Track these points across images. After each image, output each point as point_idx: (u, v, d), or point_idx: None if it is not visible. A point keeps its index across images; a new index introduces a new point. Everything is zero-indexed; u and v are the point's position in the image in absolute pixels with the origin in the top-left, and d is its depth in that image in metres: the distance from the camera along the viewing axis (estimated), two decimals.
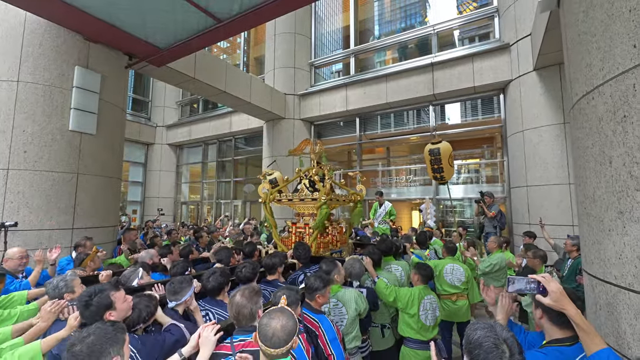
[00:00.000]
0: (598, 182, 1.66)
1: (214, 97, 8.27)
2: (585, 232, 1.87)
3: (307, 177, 4.03)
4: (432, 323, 2.89)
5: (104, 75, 4.98)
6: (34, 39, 4.45)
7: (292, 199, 3.98)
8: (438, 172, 4.85)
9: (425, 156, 4.90)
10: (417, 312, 2.81)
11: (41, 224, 4.28)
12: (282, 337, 1.32)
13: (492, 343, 1.10)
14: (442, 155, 4.71)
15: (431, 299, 2.94)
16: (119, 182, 5.53)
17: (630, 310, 1.46)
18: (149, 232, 7.02)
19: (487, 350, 1.09)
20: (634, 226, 1.43)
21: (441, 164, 4.74)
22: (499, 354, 1.08)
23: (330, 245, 3.94)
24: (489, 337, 1.12)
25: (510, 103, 6.86)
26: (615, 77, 1.51)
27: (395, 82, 8.21)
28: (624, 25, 1.47)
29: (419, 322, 2.81)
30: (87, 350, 1.24)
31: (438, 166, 4.77)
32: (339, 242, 4.10)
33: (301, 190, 3.96)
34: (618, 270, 1.54)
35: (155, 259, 3.68)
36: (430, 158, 4.81)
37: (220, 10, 4.21)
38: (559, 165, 5.80)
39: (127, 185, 12.66)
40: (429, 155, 4.83)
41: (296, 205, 4.10)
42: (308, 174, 4.04)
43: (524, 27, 6.33)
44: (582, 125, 1.81)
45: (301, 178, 4.09)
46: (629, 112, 1.45)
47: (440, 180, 5.01)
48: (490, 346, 1.09)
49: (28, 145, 4.27)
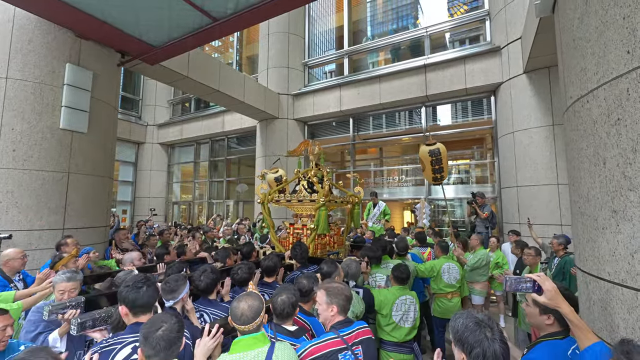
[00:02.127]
0: (592, 183, 1.73)
1: (207, 96, 8.21)
2: (579, 231, 1.93)
3: (305, 178, 4.04)
4: (409, 325, 2.84)
5: (95, 73, 4.89)
6: (24, 35, 4.34)
7: (291, 199, 3.99)
8: (439, 172, 4.91)
9: (424, 157, 4.93)
10: (390, 312, 2.82)
11: (31, 224, 4.18)
12: (249, 315, 1.55)
13: (475, 324, 1.21)
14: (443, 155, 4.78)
15: (407, 300, 2.89)
16: (110, 181, 5.44)
17: (624, 305, 1.52)
18: (141, 232, 6.91)
19: (472, 330, 1.19)
20: (627, 224, 1.49)
21: (442, 164, 4.83)
22: (482, 330, 1.19)
23: (328, 246, 3.95)
24: (470, 320, 1.23)
25: (501, 105, 7.01)
26: (609, 81, 1.58)
27: (388, 83, 8.29)
28: (617, 32, 1.53)
29: (391, 322, 2.81)
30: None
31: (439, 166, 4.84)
32: (336, 244, 4.12)
33: (299, 191, 3.97)
34: (612, 267, 1.60)
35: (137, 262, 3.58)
36: (431, 159, 4.86)
37: (216, 9, 4.19)
38: (548, 166, 5.95)
39: (117, 184, 12.43)
40: (430, 156, 4.86)
41: (294, 206, 4.10)
42: (307, 175, 4.05)
43: (514, 30, 6.47)
44: (577, 127, 1.87)
45: (300, 179, 4.10)
46: (622, 115, 1.51)
47: (439, 180, 5.06)
48: (473, 326, 1.20)
49: (17, 144, 4.16)
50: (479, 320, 1.23)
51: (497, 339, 1.17)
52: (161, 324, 1.40)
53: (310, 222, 3.88)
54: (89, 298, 2.24)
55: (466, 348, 1.19)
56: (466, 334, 1.20)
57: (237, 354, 1.50)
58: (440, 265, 3.86)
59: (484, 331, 1.19)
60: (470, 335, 1.19)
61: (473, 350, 1.16)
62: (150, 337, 1.36)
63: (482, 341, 1.16)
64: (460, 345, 1.22)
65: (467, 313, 1.28)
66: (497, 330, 1.21)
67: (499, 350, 1.15)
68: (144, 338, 1.38)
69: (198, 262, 4.05)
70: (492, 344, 1.16)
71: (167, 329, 1.39)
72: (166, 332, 1.38)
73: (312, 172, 3.95)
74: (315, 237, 3.75)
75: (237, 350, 1.51)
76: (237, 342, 1.56)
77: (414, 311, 2.91)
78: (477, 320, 1.22)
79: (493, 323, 1.23)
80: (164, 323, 1.41)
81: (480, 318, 1.24)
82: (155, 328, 1.39)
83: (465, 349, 1.19)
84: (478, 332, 1.18)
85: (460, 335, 1.22)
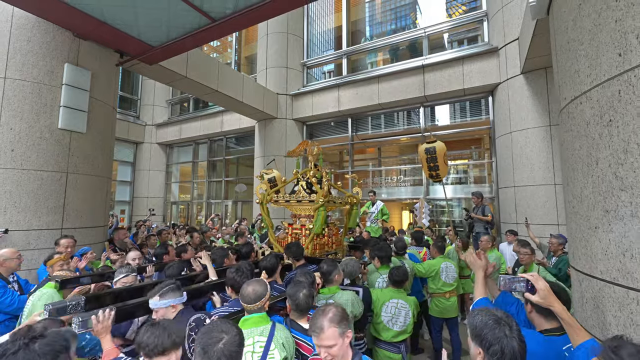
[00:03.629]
0: (585, 183, 1.75)
1: (205, 96, 8.21)
2: (573, 230, 1.96)
3: (304, 178, 4.06)
4: (397, 328, 2.82)
5: (94, 73, 4.90)
6: (22, 35, 4.35)
7: (290, 200, 4.00)
8: (434, 170, 5.00)
9: (421, 155, 5.01)
10: (379, 311, 2.86)
11: (29, 224, 4.18)
12: (252, 296, 1.86)
13: (494, 321, 1.23)
14: (438, 153, 4.86)
15: (398, 304, 2.87)
16: (109, 181, 5.44)
17: (615, 303, 1.55)
18: (139, 232, 6.91)
19: (492, 327, 1.21)
20: (619, 224, 1.52)
21: (437, 162, 4.90)
22: (502, 328, 1.20)
23: (326, 247, 3.97)
24: (489, 317, 1.25)
25: (499, 105, 7.05)
26: (601, 83, 1.60)
27: (387, 83, 8.32)
28: (610, 35, 1.56)
29: (380, 321, 2.84)
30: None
31: (434, 164, 4.93)
32: (334, 244, 4.14)
33: (298, 191, 3.99)
34: (604, 265, 1.63)
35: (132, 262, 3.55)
36: (427, 156, 4.95)
37: (215, 10, 4.20)
38: (545, 166, 5.99)
39: (115, 184, 12.41)
40: (425, 153, 4.95)
41: (293, 207, 4.11)
42: (306, 175, 4.06)
43: (512, 31, 6.51)
44: (570, 128, 1.90)
45: (299, 180, 4.11)
46: (614, 116, 1.53)
47: (435, 178, 5.14)
48: (493, 324, 1.22)
49: (16, 144, 4.16)
50: (499, 317, 1.24)
51: (516, 337, 1.19)
52: (222, 335, 1.23)
53: (309, 223, 3.90)
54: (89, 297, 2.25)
55: (484, 344, 1.20)
56: (485, 331, 1.21)
57: (249, 329, 1.76)
58: (439, 265, 3.88)
59: (503, 329, 1.20)
60: (489, 332, 1.20)
61: (492, 347, 1.18)
62: (209, 350, 1.19)
63: (501, 338, 1.18)
64: (478, 341, 1.23)
65: (485, 310, 1.29)
66: (516, 329, 1.22)
67: (517, 348, 1.17)
68: (202, 350, 1.19)
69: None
70: (511, 341, 1.17)
71: (229, 341, 1.22)
72: (227, 346, 1.21)
73: (310, 172, 3.97)
74: (314, 238, 3.77)
75: (247, 326, 1.78)
76: (245, 319, 1.82)
77: (405, 316, 2.86)
78: (496, 318, 1.24)
79: (512, 321, 1.24)
80: (224, 334, 1.24)
81: (500, 316, 1.25)
82: (215, 340, 1.21)
83: (484, 345, 1.20)
84: (498, 329, 1.20)
85: (479, 331, 1.23)
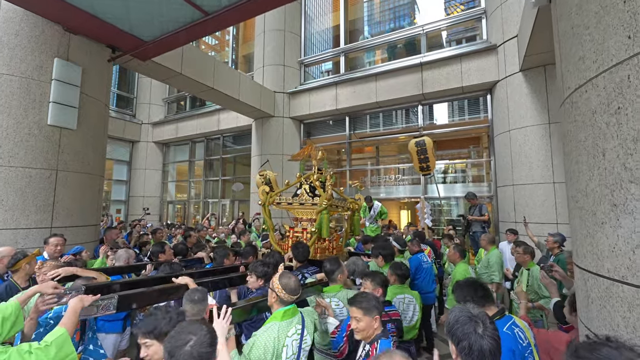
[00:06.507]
0: (591, 175, 1.66)
1: (201, 93, 8.10)
2: (577, 226, 1.87)
3: (307, 182, 3.99)
4: (407, 323, 2.82)
5: (85, 68, 4.78)
6: (10, 29, 4.23)
7: (292, 202, 3.94)
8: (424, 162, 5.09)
9: (412, 148, 5.08)
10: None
11: (17, 222, 4.06)
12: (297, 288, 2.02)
13: (466, 317, 1.25)
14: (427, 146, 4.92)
15: (405, 299, 2.86)
16: (101, 179, 5.33)
17: (624, 303, 1.46)
18: (134, 232, 6.79)
19: (462, 323, 1.23)
20: (628, 218, 1.43)
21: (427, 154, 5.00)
22: (473, 324, 1.22)
23: (327, 251, 3.90)
24: (463, 314, 1.27)
25: (497, 103, 6.97)
26: (609, 68, 1.51)
27: (384, 81, 8.23)
28: (618, 16, 1.47)
29: None
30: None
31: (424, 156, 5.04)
32: (335, 250, 4.06)
33: (301, 194, 3.92)
34: (611, 263, 1.54)
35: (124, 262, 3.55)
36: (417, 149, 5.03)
37: (208, 3, 4.09)
38: (544, 165, 5.92)
39: (111, 183, 12.28)
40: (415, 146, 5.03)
41: (295, 210, 4.05)
42: (309, 179, 4.00)
43: (510, 28, 6.44)
44: (575, 118, 1.81)
45: (301, 183, 4.05)
46: (623, 103, 1.44)
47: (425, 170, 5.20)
48: (464, 320, 1.24)
49: (3, 140, 4.04)
50: (472, 315, 1.25)
51: (487, 336, 1.19)
52: (189, 337, 1.19)
53: (311, 226, 3.83)
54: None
55: (454, 340, 1.23)
56: (456, 327, 1.24)
57: (287, 320, 1.94)
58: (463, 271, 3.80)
59: (474, 326, 1.21)
60: (459, 328, 1.23)
61: (460, 343, 1.20)
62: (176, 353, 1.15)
63: (469, 335, 1.19)
64: (450, 337, 1.26)
65: (464, 307, 1.30)
66: (490, 328, 1.22)
67: (487, 347, 1.17)
68: (169, 355, 1.16)
69: (195, 262, 4.02)
70: (480, 339, 1.18)
71: (197, 342, 1.18)
72: (196, 347, 1.17)
73: (314, 176, 3.90)
74: (316, 241, 3.71)
75: (286, 317, 1.95)
76: (283, 310, 1.96)
77: (413, 311, 2.85)
78: (470, 315, 1.25)
79: (486, 320, 1.25)
80: (192, 335, 1.20)
81: (475, 313, 1.26)
82: (182, 342, 1.17)
83: (454, 341, 1.23)
84: (468, 325, 1.22)
85: (451, 327, 1.25)
